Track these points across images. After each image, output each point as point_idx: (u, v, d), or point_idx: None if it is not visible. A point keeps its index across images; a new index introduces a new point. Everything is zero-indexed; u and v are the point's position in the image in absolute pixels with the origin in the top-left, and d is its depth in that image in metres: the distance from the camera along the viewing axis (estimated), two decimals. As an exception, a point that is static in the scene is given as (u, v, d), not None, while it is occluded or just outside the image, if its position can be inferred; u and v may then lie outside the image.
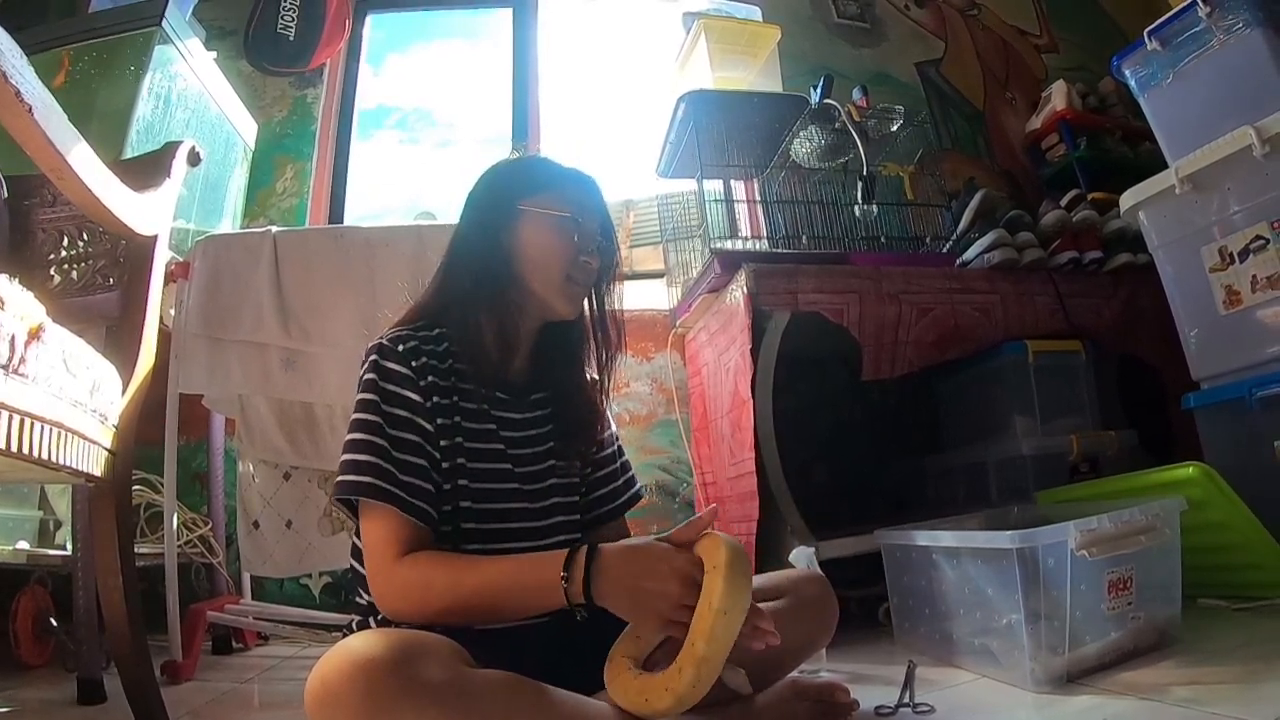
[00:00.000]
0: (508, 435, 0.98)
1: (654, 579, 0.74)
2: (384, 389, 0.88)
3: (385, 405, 0.88)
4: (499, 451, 0.96)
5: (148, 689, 1.02)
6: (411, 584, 0.81)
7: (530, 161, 1.07)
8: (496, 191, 1.02)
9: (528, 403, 1.02)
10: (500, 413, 0.98)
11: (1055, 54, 3.29)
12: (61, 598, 1.48)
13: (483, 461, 0.94)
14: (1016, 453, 1.77)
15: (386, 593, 0.82)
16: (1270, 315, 1.52)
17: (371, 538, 0.84)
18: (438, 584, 0.80)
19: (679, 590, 0.73)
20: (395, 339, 0.92)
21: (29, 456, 0.75)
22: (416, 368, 0.90)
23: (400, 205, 2.95)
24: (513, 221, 0.98)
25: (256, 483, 1.75)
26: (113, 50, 1.89)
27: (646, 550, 0.77)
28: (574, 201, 0.99)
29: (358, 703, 0.64)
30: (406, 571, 0.81)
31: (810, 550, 1.37)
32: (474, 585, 0.80)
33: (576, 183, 1.02)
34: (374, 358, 0.90)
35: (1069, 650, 1.03)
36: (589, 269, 0.98)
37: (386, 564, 0.82)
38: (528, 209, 0.98)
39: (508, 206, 0.99)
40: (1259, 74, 1.54)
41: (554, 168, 1.04)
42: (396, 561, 0.81)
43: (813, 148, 2.04)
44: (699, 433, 2.11)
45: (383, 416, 0.87)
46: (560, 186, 1.00)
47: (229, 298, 1.65)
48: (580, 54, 3.06)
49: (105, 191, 0.96)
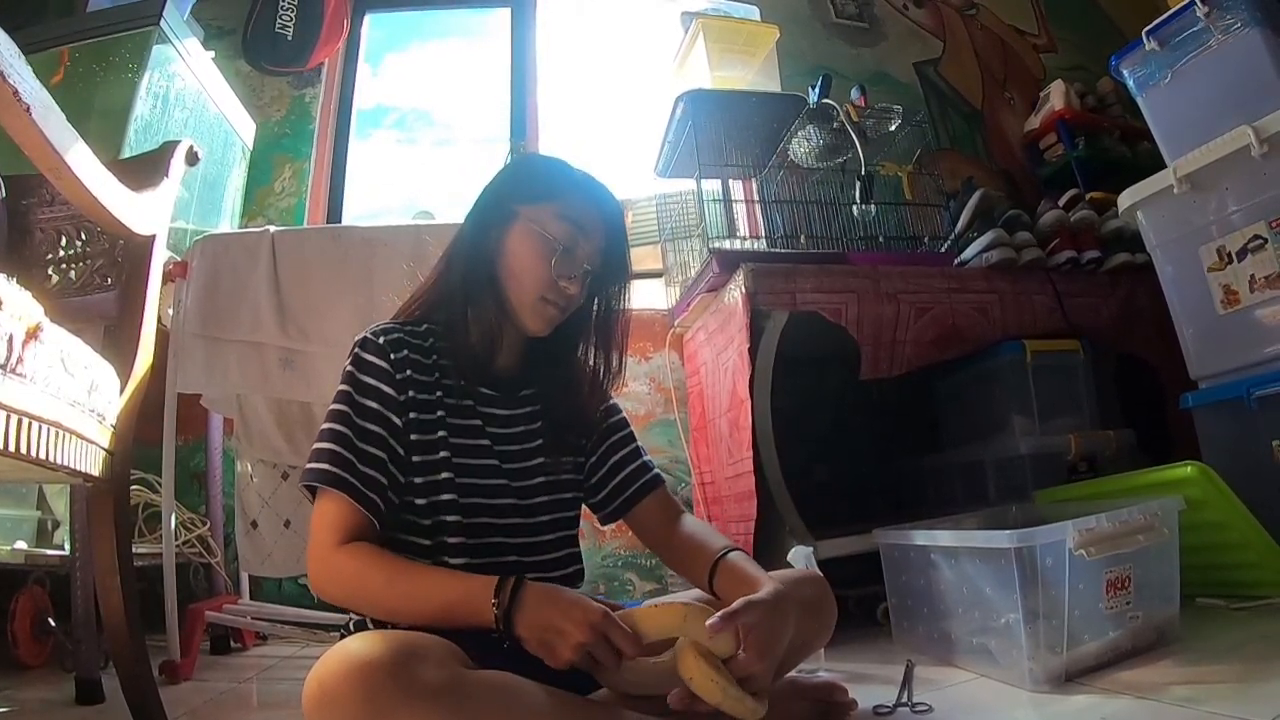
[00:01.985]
0: (494, 431, 0.97)
1: (566, 621, 0.75)
2: (358, 380, 0.90)
3: (357, 396, 0.89)
4: (485, 447, 0.95)
5: (146, 689, 1.02)
6: (347, 573, 0.83)
7: (544, 165, 1.04)
8: (502, 189, 1.01)
9: (516, 399, 1.01)
10: (486, 409, 0.98)
11: (1053, 54, 3.29)
12: (60, 598, 1.48)
13: (468, 457, 0.93)
14: (1015, 452, 1.77)
15: (320, 574, 0.84)
16: (1268, 314, 1.52)
17: (317, 522, 0.85)
18: (372, 581, 0.82)
19: (583, 638, 0.75)
20: (378, 331, 0.93)
21: (27, 456, 0.75)
22: (396, 361, 0.91)
23: (398, 205, 2.95)
24: (507, 224, 0.97)
25: (255, 482, 1.75)
26: (111, 50, 1.89)
27: (566, 595, 0.79)
28: (574, 219, 0.96)
29: (355, 704, 0.64)
30: (344, 560, 0.83)
31: (808, 550, 1.37)
32: (405, 590, 0.81)
33: (586, 198, 0.98)
34: (355, 350, 0.92)
35: (1067, 649, 1.03)
36: (565, 294, 0.95)
37: (327, 549, 0.83)
38: (523, 215, 0.96)
39: (506, 207, 0.98)
40: (1257, 73, 1.54)
41: (567, 177, 1.00)
42: (337, 548, 0.83)
43: (811, 147, 2.04)
44: (697, 432, 2.11)
45: (352, 407, 0.88)
46: (565, 199, 0.97)
47: (227, 297, 1.65)
48: (578, 53, 3.06)
49: (103, 191, 0.96)
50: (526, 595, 0.77)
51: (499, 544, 0.93)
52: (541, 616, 0.76)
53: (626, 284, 1.04)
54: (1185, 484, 1.32)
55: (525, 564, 0.93)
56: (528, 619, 0.76)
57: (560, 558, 0.99)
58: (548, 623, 0.76)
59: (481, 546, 0.91)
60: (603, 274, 1.01)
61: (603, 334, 1.04)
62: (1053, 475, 1.71)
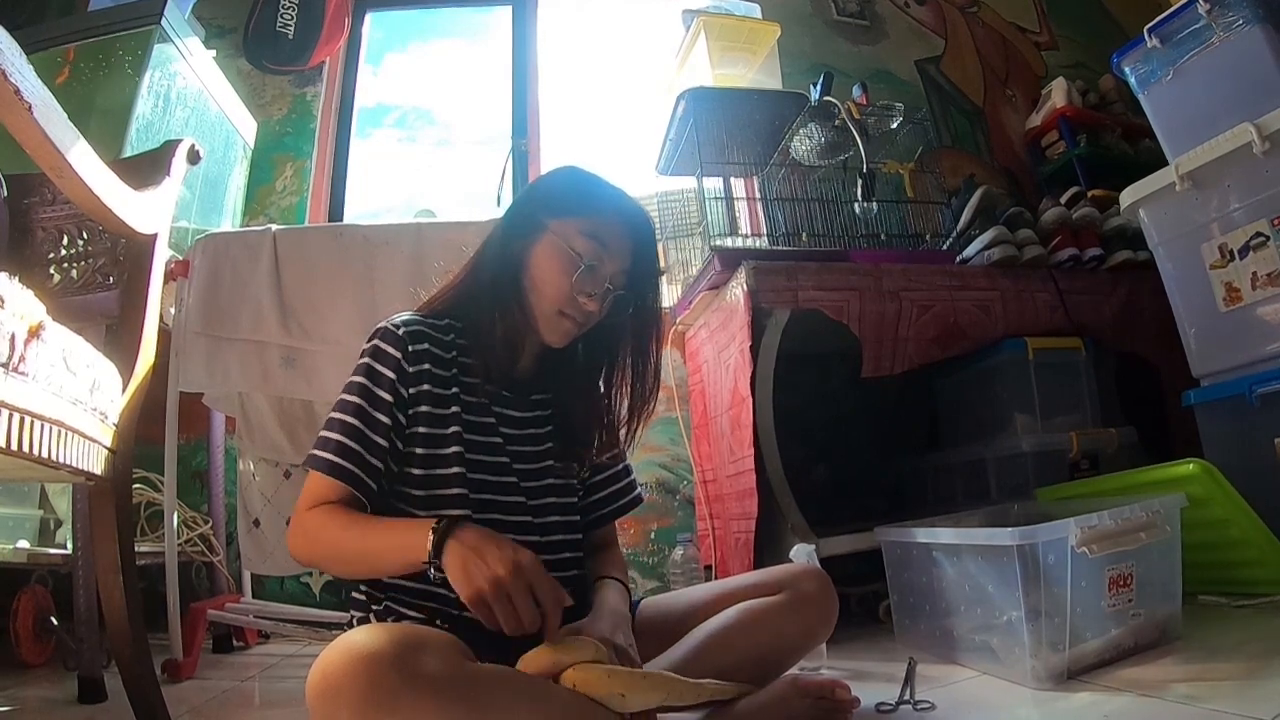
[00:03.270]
0: (507, 431, 0.98)
1: (492, 550, 0.76)
2: (374, 370, 0.91)
3: (372, 387, 0.90)
4: (497, 445, 0.96)
5: (148, 687, 1.02)
6: (309, 527, 0.86)
7: (579, 179, 1.02)
8: (535, 199, 1.01)
9: (529, 401, 1.02)
10: (501, 409, 0.98)
11: (1055, 51, 3.29)
12: (62, 597, 1.48)
13: (481, 454, 0.94)
14: (1016, 450, 1.77)
15: (292, 534, 0.88)
16: (1270, 312, 1.52)
17: (304, 496, 0.88)
18: (328, 530, 0.85)
19: (503, 575, 0.75)
20: (399, 323, 0.94)
21: (29, 455, 0.75)
22: (414, 352, 0.92)
23: (398, 204, 2.95)
24: (535, 235, 0.97)
25: (257, 481, 1.75)
26: (112, 49, 1.89)
27: (497, 538, 0.79)
28: (601, 237, 0.95)
29: (359, 696, 0.64)
30: (309, 517, 0.86)
31: (810, 547, 1.37)
32: (359, 531, 0.85)
33: (616, 217, 0.98)
34: (374, 340, 0.93)
35: (1069, 647, 1.03)
36: (583, 310, 0.95)
37: (300, 513, 0.87)
38: (551, 228, 0.96)
39: (539, 218, 0.97)
40: (1259, 71, 1.54)
41: (600, 195, 1.00)
42: (307, 510, 0.87)
43: (812, 145, 2.04)
44: (699, 430, 2.11)
45: (366, 398, 0.89)
46: (595, 216, 0.96)
47: (229, 296, 1.65)
48: (579, 52, 3.06)
49: (105, 190, 0.96)
50: (466, 526, 0.80)
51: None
52: (471, 540, 0.77)
53: (656, 302, 1.03)
54: (1187, 481, 1.32)
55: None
56: (458, 542, 0.77)
57: (566, 559, 0.99)
58: (475, 545, 0.77)
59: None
60: (629, 295, 1.00)
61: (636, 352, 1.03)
62: (1054, 473, 1.71)
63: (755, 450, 1.64)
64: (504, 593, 0.74)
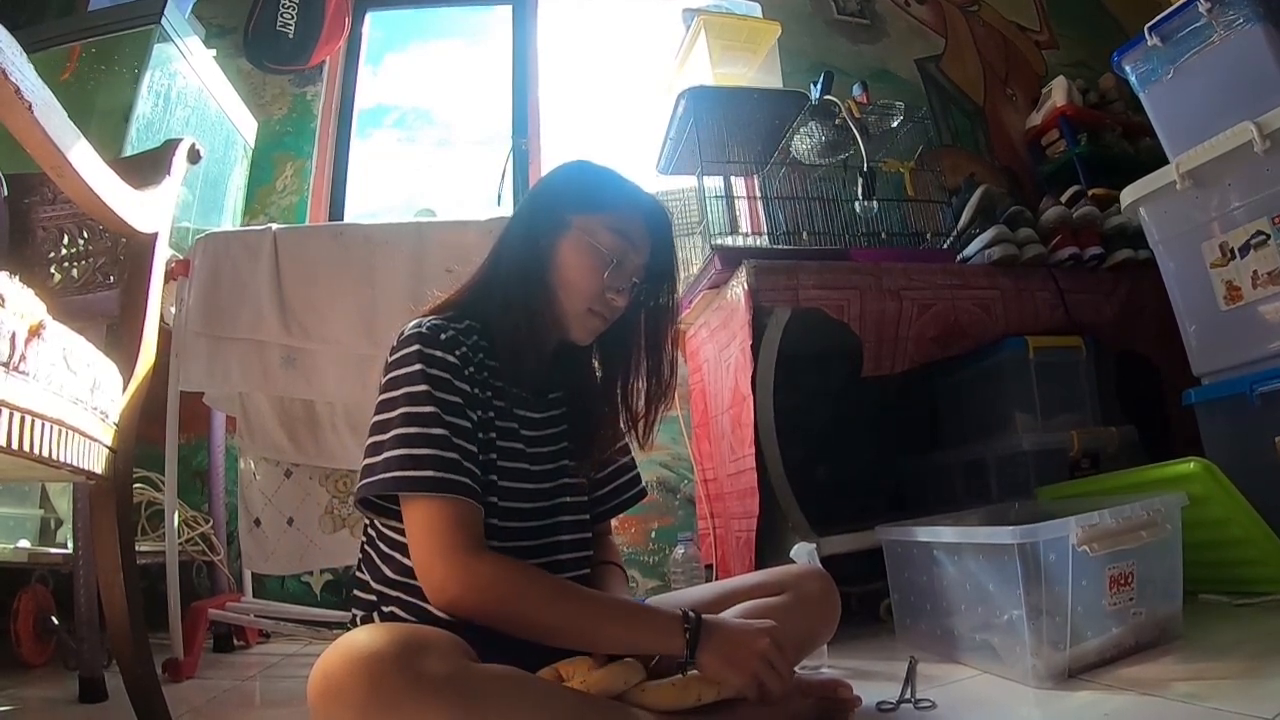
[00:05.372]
0: (526, 434, 0.97)
1: (745, 648, 0.82)
2: (434, 376, 0.85)
3: (438, 393, 0.84)
4: (520, 450, 0.95)
5: (149, 687, 1.02)
6: (497, 581, 0.79)
7: (598, 175, 1.01)
8: (556, 194, 0.99)
9: (545, 402, 1.01)
10: (521, 411, 0.97)
11: (1055, 50, 3.29)
12: (63, 596, 1.48)
13: (508, 460, 0.93)
14: (1017, 449, 1.77)
15: (453, 580, 0.78)
16: (1271, 311, 1.52)
17: (435, 525, 0.80)
18: (533, 593, 0.80)
19: (765, 649, 0.82)
20: (435, 328, 0.88)
21: (30, 454, 0.75)
22: (460, 357, 0.88)
23: (398, 204, 2.95)
24: (559, 232, 0.95)
25: (258, 480, 1.75)
26: (112, 48, 1.89)
27: (731, 623, 0.86)
28: (627, 232, 0.95)
29: (361, 696, 0.64)
30: (490, 568, 0.79)
31: (811, 546, 1.37)
32: (575, 609, 0.82)
33: (636, 211, 0.98)
34: (417, 346, 0.86)
35: (1070, 646, 1.03)
36: (612, 305, 0.95)
37: (457, 553, 0.79)
38: (576, 225, 0.95)
39: (561, 215, 0.96)
40: (1259, 69, 1.54)
41: (623, 191, 0.99)
42: (472, 553, 0.79)
43: (813, 144, 2.04)
44: (699, 429, 2.11)
45: (438, 405, 0.83)
46: (618, 211, 0.96)
47: (229, 295, 1.65)
48: (580, 51, 3.06)
49: (105, 189, 0.96)
50: (707, 623, 0.83)
51: (527, 547, 0.92)
52: (722, 633, 0.83)
53: (674, 295, 1.03)
54: (1188, 480, 1.32)
55: (544, 565, 0.92)
56: (712, 640, 0.81)
57: (577, 559, 1.00)
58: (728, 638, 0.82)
59: (511, 549, 0.89)
60: (649, 286, 1.00)
61: (653, 345, 1.03)
62: (1055, 472, 1.71)
63: (756, 449, 1.64)
64: (769, 665, 0.81)
